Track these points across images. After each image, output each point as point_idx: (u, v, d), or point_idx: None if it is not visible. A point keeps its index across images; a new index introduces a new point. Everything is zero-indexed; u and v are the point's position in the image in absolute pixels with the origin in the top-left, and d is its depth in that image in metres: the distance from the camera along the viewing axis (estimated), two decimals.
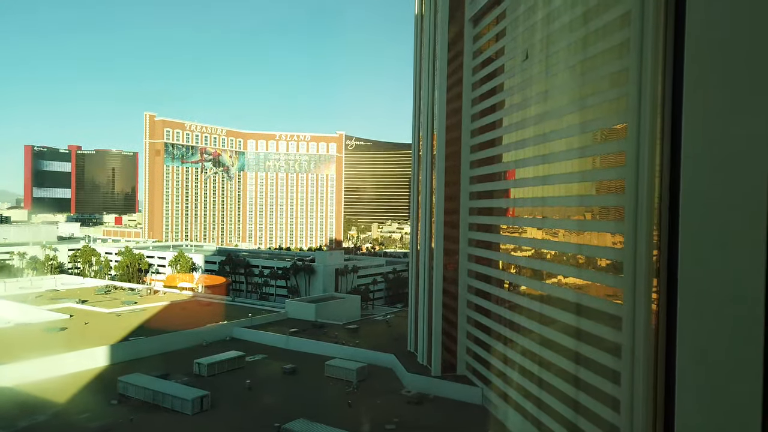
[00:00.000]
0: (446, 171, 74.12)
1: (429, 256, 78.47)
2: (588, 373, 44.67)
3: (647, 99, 37.16)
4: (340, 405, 67.14)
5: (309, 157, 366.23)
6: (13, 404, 63.86)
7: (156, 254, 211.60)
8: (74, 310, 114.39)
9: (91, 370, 77.50)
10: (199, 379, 74.79)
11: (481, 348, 67.94)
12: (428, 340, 77.23)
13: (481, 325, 68.27)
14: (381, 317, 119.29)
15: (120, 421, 60.59)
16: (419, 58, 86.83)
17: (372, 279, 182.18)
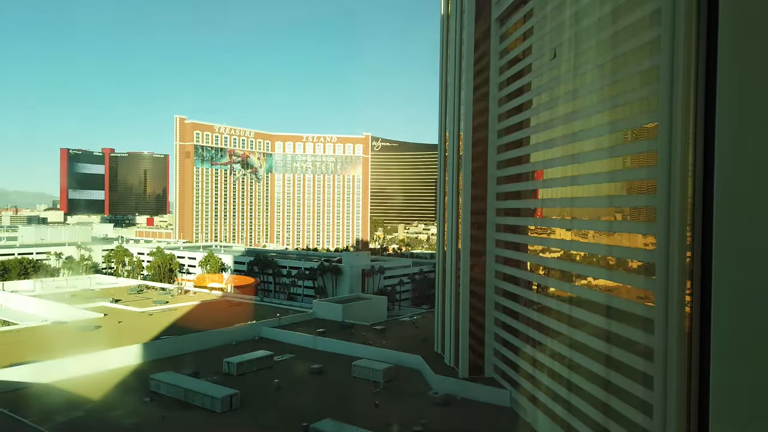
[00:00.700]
0: (473, 171, 73.68)
1: (455, 257, 78.08)
2: (619, 376, 43.87)
3: (679, 97, 36.48)
4: (367, 405, 67.27)
5: (335, 158, 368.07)
6: (50, 400, 65.73)
7: (186, 254, 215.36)
8: (108, 309, 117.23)
9: (124, 368, 79.28)
10: (228, 378, 75.82)
11: (509, 350, 67.31)
12: (455, 341, 76.86)
13: (508, 327, 67.65)
14: (407, 318, 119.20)
15: (152, 418, 61.81)
16: (445, 58, 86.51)
17: (398, 280, 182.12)
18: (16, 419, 54.09)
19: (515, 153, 67.18)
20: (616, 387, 44.10)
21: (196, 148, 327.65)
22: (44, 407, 62.81)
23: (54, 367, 73.92)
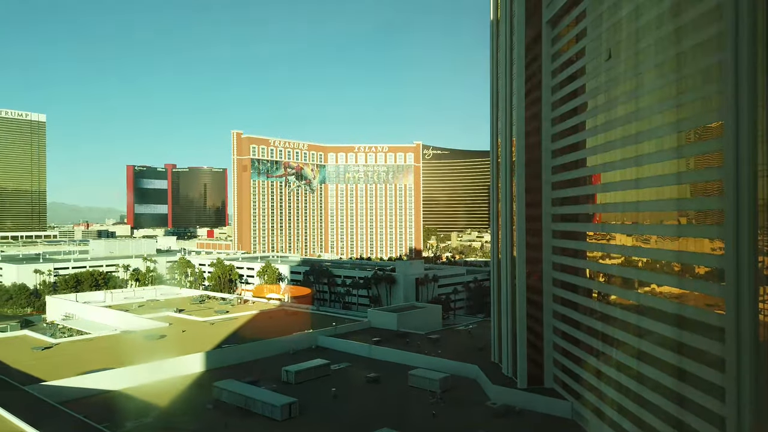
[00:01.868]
0: (526, 177, 72.49)
1: (511, 264, 76.84)
2: (689, 388, 41.92)
3: (745, 94, 34.85)
4: (424, 415, 66.91)
5: (387, 167, 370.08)
6: (120, 407, 68.85)
7: (245, 265, 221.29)
8: (172, 318, 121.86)
9: (188, 376, 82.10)
10: (287, 386, 77.19)
11: (570, 360, 65.46)
12: (513, 351, 75.45)
13: (569, 337, 65.85)
14: (463, 327, 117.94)
15: (215, 425, 63.61)
16: (495, 63, 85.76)
17: (452, 288, 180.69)
18: (92, 425, 56.92)
19: (571, 157, 65.65)
20: (688, 399, 42.15)
21: (252, 162, 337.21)
22: (116, 413, 65.79)
23: (124, 374, 77.42)
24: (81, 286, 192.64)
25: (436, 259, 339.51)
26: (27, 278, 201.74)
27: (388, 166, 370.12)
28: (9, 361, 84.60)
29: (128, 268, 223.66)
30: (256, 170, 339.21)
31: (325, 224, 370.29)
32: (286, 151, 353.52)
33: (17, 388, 68.02)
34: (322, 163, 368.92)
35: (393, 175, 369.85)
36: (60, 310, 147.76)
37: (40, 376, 75.59)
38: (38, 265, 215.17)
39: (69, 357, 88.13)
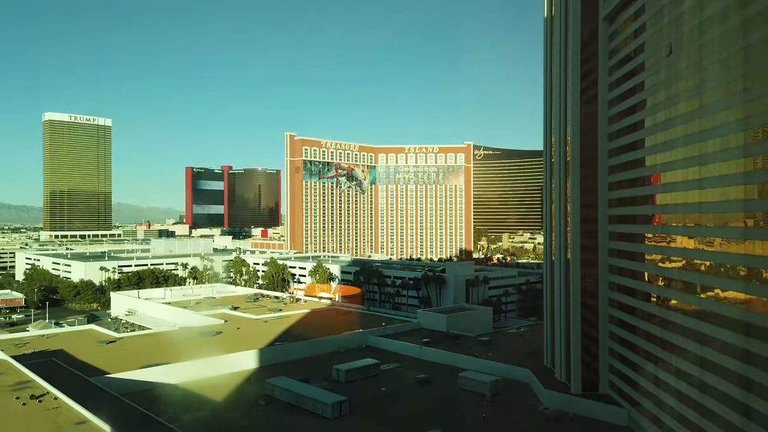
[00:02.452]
0: (582, 177, 70.56)
1: (565, 267, 74.99)
2: (756, 399, 39.73)
3: None
4: (475, 418, 66.22)
5: (437, 168, 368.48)
6: (177, 400, 71.45)
7: (297, 265, 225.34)
8: (228, 315, 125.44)
9: (242, 372, 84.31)
10: (337, 385, 78.05)
11: (627, 366, 63.28)
12: (566, 355, 73.61)
13: (626, 342, 63.68)
14: (514, 330, 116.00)
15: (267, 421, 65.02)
16: (549, 61, 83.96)
17: (504, 290, 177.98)
18: (151, 417, 59.34)
19: (629, 156, 63.47)
20: (753, 410, 39.95)
21: (305, 163, 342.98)
22: (174, 406, 68.29)
23: (181, 369, 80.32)
24: (143, 283, 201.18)
25: (487, 261, 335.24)
26: (93, 275, 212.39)
27: (438, 166, 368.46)
28: (77, 353, 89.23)
29: (186, 266, 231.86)
30: (308, 171, 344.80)
31: (375, 225, 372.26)
32: (337, 152, 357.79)
33: (84, 380, 71.69)
34: (373, 164, 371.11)
35: (443, 175, 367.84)
36: (123, 305, 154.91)
37: (105, 368, 79.38)
38: (104, 262, 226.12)
39: (131, 351, 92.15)
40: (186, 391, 75.12)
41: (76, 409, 55.18)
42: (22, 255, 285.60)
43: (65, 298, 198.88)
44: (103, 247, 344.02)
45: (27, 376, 67.64)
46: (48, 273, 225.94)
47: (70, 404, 56.62)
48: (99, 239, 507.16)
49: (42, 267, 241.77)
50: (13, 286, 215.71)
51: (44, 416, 54.21)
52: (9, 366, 73.41)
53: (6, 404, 57.95)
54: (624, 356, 64.04)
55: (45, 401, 58.42)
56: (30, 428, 51.46)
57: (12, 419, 53.96)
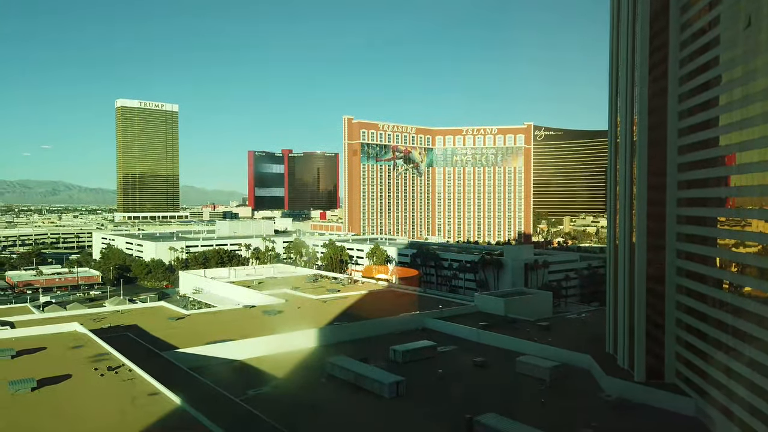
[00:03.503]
0: (649, 159, 67.54)
1: (629, 251, 72.41)
2: None
3: None
4: (533, 403, 65.59)
5: (496, 150, 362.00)
6: (242, 376, 74.51)
7: (355, 246, 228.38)
8: (288, 295, 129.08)
9: (302, 350, 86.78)
10: (394, 365, 79.02)
11: (695, 355, 60.77)
12: (630, 342, 71.43)
13: (694, 330, 61.07)
14: (575, 315, 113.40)
15: (328, 398, 66.85)
16: (616, 37, 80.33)
17: (564, 275, 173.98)
18: (218, 391, 62.26)
19: (701, 136, 60.17)
20: None
21: (362, 146, 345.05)
22: (238, 382, 71.27)
23: (245, 346, 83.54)
24: (208, 262, 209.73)
25: (547, 244, 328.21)
26: (163, 255, 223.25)
27: (497, 148, 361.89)
28: (149, 329, 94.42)
29: (249, 247, 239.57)
30: (365, 154, 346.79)
31: (432, 207, 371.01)
32: (394, 135, 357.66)
33: (156, 354, 75.90)
34: (430, 146, 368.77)
35: (502, 157, 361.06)
36: (190, 284, 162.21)
37: (174, 343, 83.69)
38: (172, 243, 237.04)
39: (198, 327, 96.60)
40: (249, 367, 78.16)
41: (149, 381, 58.59)
42: (99, 235, 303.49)
43: (138, 276, 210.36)
44: (171, 228, 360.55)
45: (104, 349, 72.28)
46: (122, 252, 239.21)
47: (143, 376, 60.16)
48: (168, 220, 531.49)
49: (116, 246, 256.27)
50: (91, 264, 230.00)
51: (120, 387, 57.90)
52: (89, 339, 78.64)
53: (86, 374, 62.26)
54: (692, 344, 61.49)
55: (120, 373, 62.34)
56: (108, 397, 55.13)
57: (92, 388, 57.97)
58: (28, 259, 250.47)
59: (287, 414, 58.45)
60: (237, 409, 56.91)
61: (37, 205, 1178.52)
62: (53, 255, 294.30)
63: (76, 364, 65.97)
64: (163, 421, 49.02)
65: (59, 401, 54.00)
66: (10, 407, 51.85)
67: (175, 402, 52.90)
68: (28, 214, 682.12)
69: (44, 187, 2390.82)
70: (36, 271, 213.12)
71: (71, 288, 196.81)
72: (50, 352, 72.47)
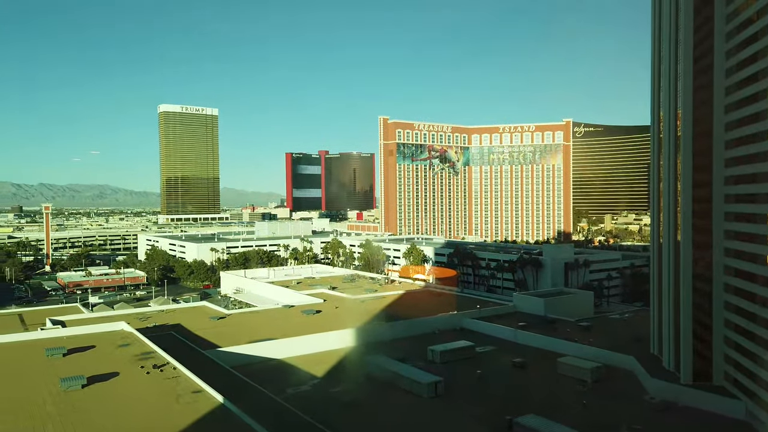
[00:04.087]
0: (694, 154, 65.44)
1: (674, 250, 70.29)
2: None
3: None
4: (574, 404, 64.43)
5: (534, 147, 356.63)
6: (282, 374, 75.64)
7: (391, 246, 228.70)
8: (326, 295, 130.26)
9: (341, 349, 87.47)
10: (432, 365, 78.83)
11: (745, 356, 58.56)
12: (675, 343, 69.36)
13: (743, 330, 58.87)
14: (617, 316, 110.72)
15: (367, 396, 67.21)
16: (657, 29, 78.12)
17: (606, 274, 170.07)
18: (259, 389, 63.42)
19: (749, 129, 57.95)
20: None
21: (398, 146, 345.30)
22: (277, 380, 72.43)
23: (285, 345, 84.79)
24: (248, 263, 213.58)
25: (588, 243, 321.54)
26: (205, 255, 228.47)
27: (534, 146, 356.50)
28: (192, 327, 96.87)
29: (288, 247, 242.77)
30: (401, 154, 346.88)
31: (469, 206, 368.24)
32: (430, 134, 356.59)
33: (198, 352, 77.83)
34: (466, 145, 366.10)
35: (540, 155, 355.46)
36: (231, 284, 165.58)
37: (216, 342, 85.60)
38: (214, 244, 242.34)
39: (239, 326, 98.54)
40: (289, 366, 79.28)
41: (192, 379, 60.10)
42: (143, 237, 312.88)
43: (181, 276, 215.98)
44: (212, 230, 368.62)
45: (150, 348, 74.52)
46: (165, 253, 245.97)
47: (187, 374, 61.76)
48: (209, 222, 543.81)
49: (160, 248, 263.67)
50: (137, 265, 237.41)
51: (165, 384, 59.60)
52: (135, 338, 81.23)
53: (133, 372, 64.35)
54: (741, 345, 59.29)
55: (165, 370, 64.15)
56: (153, 395, 56.85)
57: (138, 386, 59.88)
58: (77, 260, 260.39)
59: (327, 413, 59.07)
60: (278, 407, 57.85)
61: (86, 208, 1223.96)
62: (101, 256, 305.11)
63: (123, 362, 68.26)
64: (207, 418, 50.24)
65: (107, 398, 55.99)
66: (63, 403, 54.07)
67: (218, 400, 54.14)
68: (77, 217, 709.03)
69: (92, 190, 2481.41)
70: (85, 272, 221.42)
71: (118, 288, 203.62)
72: (99, 350, 75.19)
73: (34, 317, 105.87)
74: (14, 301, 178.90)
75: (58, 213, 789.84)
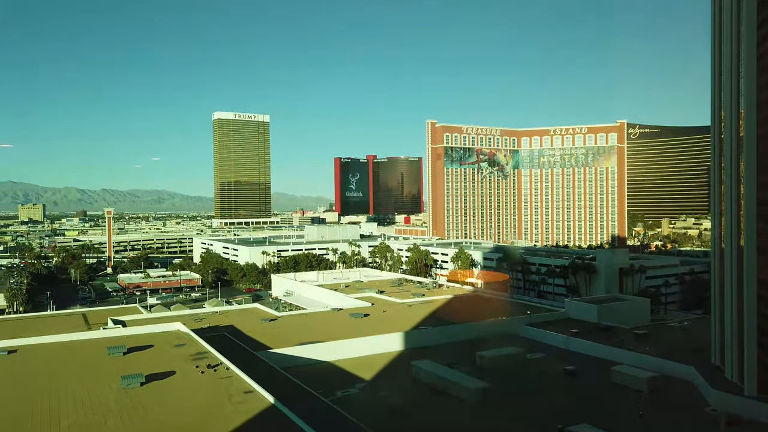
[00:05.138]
0: (759, 155, 62.27)
1: (737, 255, 67.02)
2: None
3: None
4: (629, 415, 62.28)
5: (586, 150, 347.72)
6: (331, 376, 76.47)
7: (439, 251, 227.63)
8: (374, 298, 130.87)
9: (388, 353, 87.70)
10: (480, 371, 77.90)
11: None
12: (739, 353, 66.05)
13: None
14: (675, 324, 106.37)
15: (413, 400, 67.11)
16: (718, 26, 74.87)
17: (663, 281, 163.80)
18: (308, 391, 64.33)
19: None
20: None
21: (446, 150, 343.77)
22: (327, 382, 73.22)
23: (333, 348, 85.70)
24: (298, 266, 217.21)
25: (643, 248, 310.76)
26: (256, 258, 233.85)
27: (587, 148, 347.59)
28: (244, 329, 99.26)
29: (336, 251, 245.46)
30: (449, 158, 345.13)
31: (518, 210, 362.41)
32: (478, 137, 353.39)
33: (250, 353, 79.66)
34: (515, 147, 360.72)
35: (593, 157, 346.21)
36: (282, 287, 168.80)
37: (267, 343, 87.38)
38: (265, 247, 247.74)
39: (289, 329, 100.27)
40: (337, 368, 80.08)
41: (245, 380, 61.58)
42: (198, 240, 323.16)
43: (233, 279, 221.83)
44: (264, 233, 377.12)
45: (204, 348, 76.83)
46: (219, 256, 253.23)
47: (239, 374, 63.33)
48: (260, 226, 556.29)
49: (214, 251, 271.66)
50: (192, 267, 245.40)
51: (218, 384, 61.30)
52: (190, 338, 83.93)
53: (188, 371, 66.50)
54: None
55: (219, 370, 65.99)
56: (207, 394, 58.57)
57: (193, 385, 61.83)
58: (137, 262, 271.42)
59: (374, 416, 59.30)
60: (327, 409, 58.52)
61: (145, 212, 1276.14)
62: (158, 259, 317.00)
63: (179, 362, 70.64)
64: (258, 418, 51.36)
65: (164, 395, 58.08)
66: (123, 399, 56.45)
67: (269, 400, 55.24)
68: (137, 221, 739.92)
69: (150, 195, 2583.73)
70: (144, 274, 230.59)
71: (174, 290, 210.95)
72: (156, 349, 78.08)
73: (97, 317, 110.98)
74: (79, 302, 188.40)
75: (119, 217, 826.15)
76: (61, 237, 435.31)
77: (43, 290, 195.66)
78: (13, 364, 70.69)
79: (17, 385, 61.84)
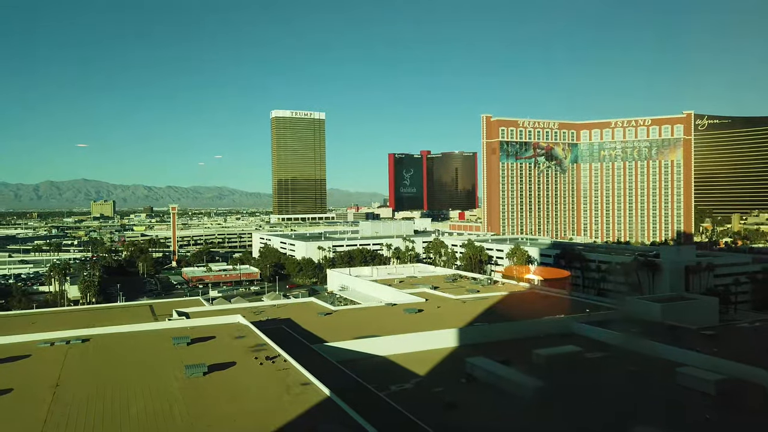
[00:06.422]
0: None
1: None
2: None
3: None
4: (695, 419, 59.68)
5: (650, 142, 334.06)
6: (385, 371, 76.99)
7: (494, 247, 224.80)
8: (428, 294, 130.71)
9: (443, 349, 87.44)
10: (537, 369, 76.53)
11: None
12: None
13: None
14: (746, 324, 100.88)
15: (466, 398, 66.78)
16: None
17: (733, 279, 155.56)
18: (363, 385, 65.13)
19: None
20: None
21: (501, 144, 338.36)
22: (381, 376, 73.84)
23: (387, 342, 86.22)
24: (353, 261, 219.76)
25: (712, 245, 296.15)
26: (312, 253, 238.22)
27: (650, 140, 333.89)
28: (301, 322, 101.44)
29: (390, 246, 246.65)
30: (504, 152, 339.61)
31: (577, 206, 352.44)
32: (535, 131, 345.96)
33: (307, 346, 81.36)
34: (574, 141, 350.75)
35: (657, 150, 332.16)
36: (337, 281, 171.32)
37: (323, 337, 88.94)
38: (320, 242, 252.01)
39: (344, 323, 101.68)
40: (392, 363, 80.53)
41: (301, 372, 63.00)
42: (257, 235, 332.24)
43: (290, 273, 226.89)
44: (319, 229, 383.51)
45: (263, 340, 79.08)
46: (277, 251, 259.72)
47: (296, 366, 64.85)
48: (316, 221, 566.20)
49: (272, 246, 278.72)
50: (251, 262, 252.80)
51: (276, 375, 62.99)
52: (249, 330, 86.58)
53: (248, 362, 68.66)
54: None
55: (277, 362, 67.77)
56: (266, 384, 60.33)
57: (252, 375, 63.81)
58: (199, 257, 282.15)
59: (429, 411, 59.39)
60: (381, 403, 59.07)
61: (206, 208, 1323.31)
62: (219, 253, 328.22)
63: (239, 353, 73.03)
64: (314, 410, 52.49)
65: (226, 385, 60.23)
66: (187, 389, 58.95)
67: (325, 393, 56.32)
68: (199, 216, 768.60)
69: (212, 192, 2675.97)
70: (206, 268, 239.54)
71: (234, 283, 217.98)
72: (218, 340, 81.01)
73: (163, 308, 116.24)
74: (146, 294, 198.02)
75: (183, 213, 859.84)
76: (129, 232, 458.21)
77: (113, 282, 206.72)
78: (87, 352, 75.12)
79: (90, 371, 65.71)
